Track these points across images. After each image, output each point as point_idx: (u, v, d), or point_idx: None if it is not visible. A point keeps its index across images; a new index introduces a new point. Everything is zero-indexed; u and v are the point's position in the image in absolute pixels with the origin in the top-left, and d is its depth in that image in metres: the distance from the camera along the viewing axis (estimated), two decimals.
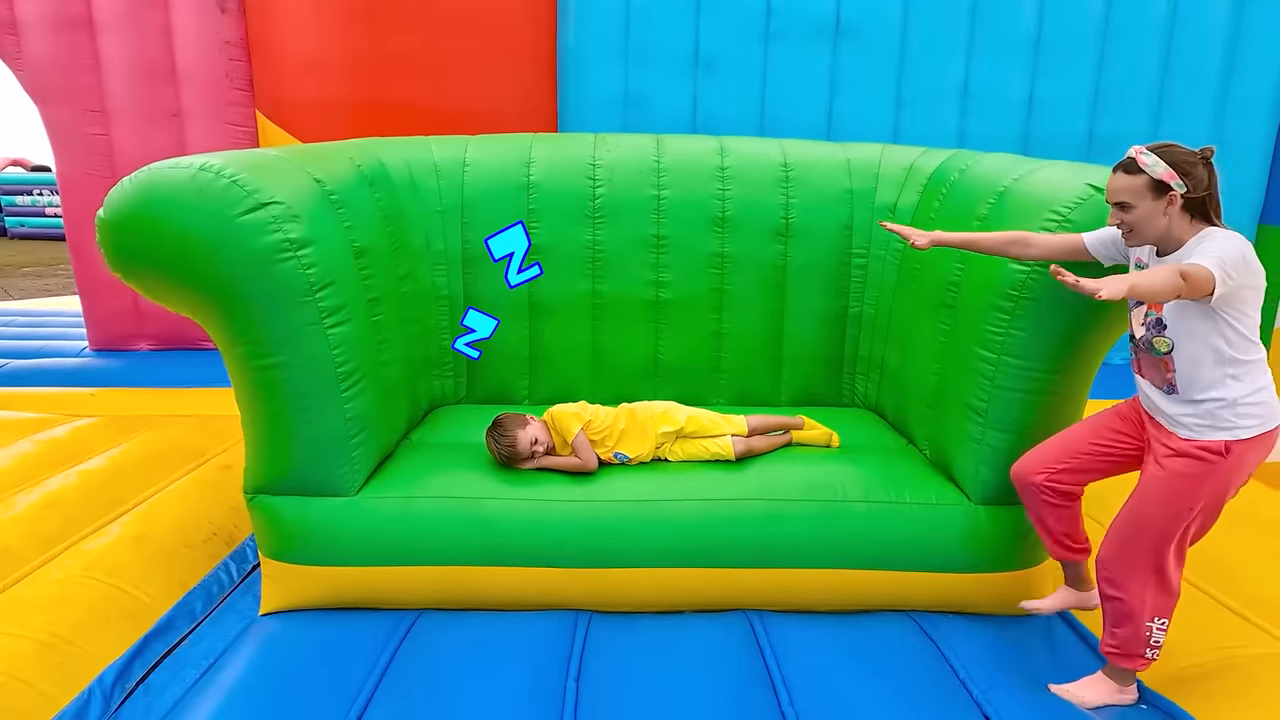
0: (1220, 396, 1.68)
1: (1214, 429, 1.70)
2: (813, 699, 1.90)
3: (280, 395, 2.10)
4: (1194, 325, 1.68)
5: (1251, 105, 5.07)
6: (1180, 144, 1.73)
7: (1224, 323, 1.65)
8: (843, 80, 5.01)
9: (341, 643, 2.09)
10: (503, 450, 2.35)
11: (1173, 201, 1.68)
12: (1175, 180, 1.67)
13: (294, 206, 2.03)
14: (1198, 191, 1.68)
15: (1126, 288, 1.53)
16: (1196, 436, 1.72)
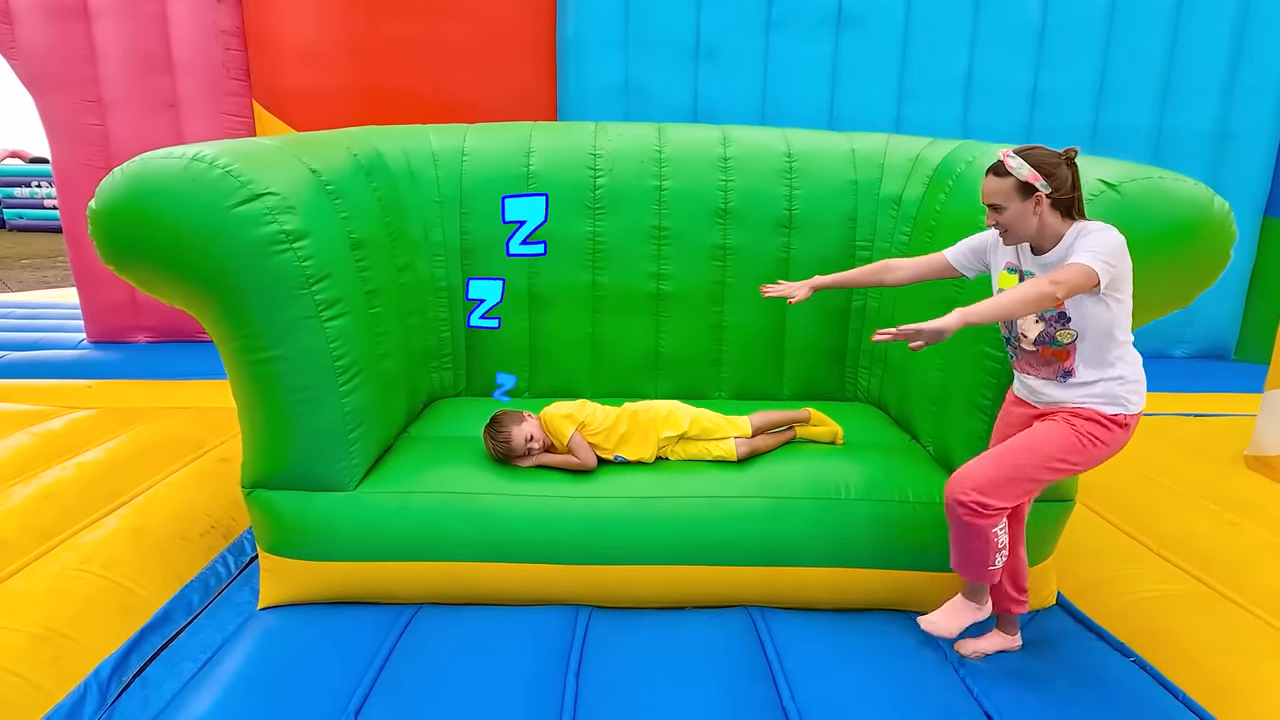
0: (1118, 375, 1.80)
1: (1111, 405, 1.80)
2: (814, 695, 1.88)
3: (277, 389, 2.07)
4: (1093, 312, 1.77)
5: (1258, 98, 5.02)
6: (1046, 146, 1.82)
7: (1115, 311, 1.76)
8: (845, 70, 4.96)
9: (340, 637, 2.07)
10: (498, 448, 2.34)
11: (1039, 202, 1.77)
12: (1039, 181, 1.76)
13: (289, 197, 2.00)
14: (1062, 191, 1.77)
15: (958, 320, 1.71)
16: (1100, 410, 1.81)
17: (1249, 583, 2.31)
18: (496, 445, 2.34)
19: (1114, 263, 1.71)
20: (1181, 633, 2.13)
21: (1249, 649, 2.03)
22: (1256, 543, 2.53)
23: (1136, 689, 1.95)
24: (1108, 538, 2.69)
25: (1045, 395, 1.88)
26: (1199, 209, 1.98)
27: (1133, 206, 1.97)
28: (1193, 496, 2.93)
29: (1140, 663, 2.06)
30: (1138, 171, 2.02)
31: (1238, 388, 4.73)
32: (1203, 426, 3.90)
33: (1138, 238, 1.96)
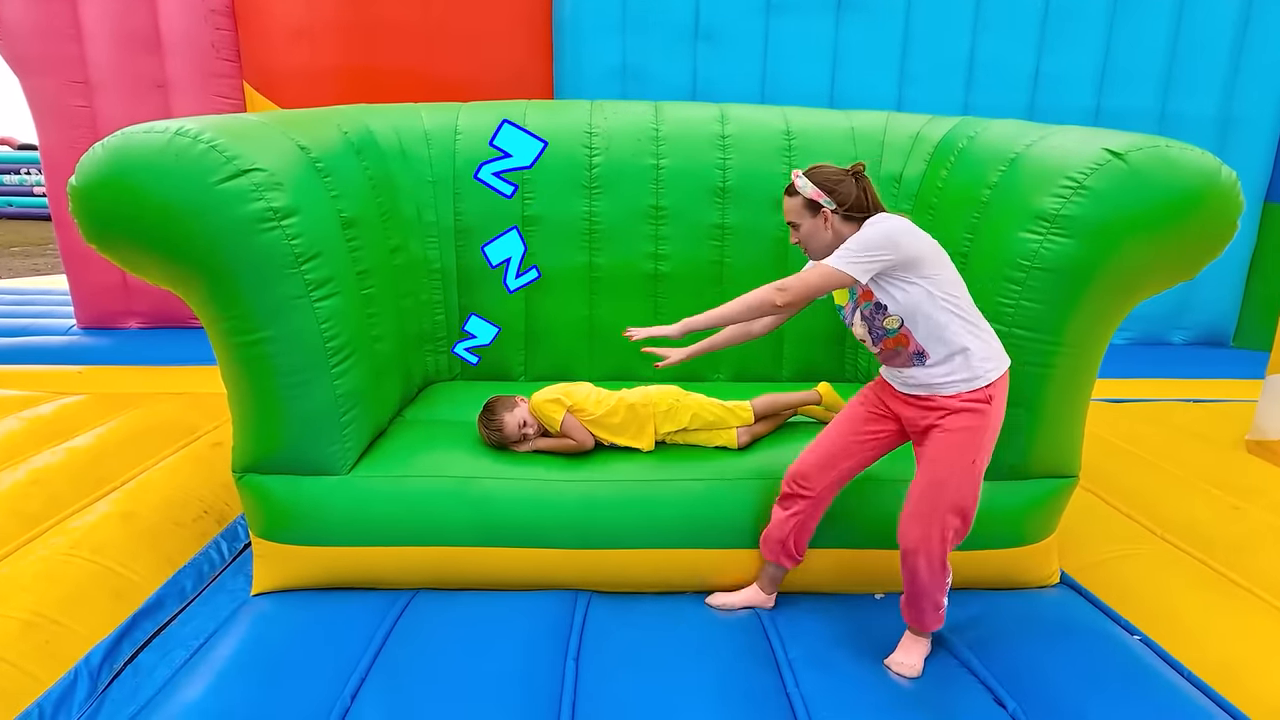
0: (965, 346, 1.82)
1: (971, 380, 1.83)
2: (817, 679, 1.86)
3: (267, 371, 2.03)
4: (903, 297, 1.81)
5: (1261, 84, 4.97)
6: (832, 164, 1.93)
7: (925, 288, 1.79)
8: (846, 53, 4.89)
9: (335, 623, 2.04)
10: (492, 435, 2.32)
11: (827, 218, 1.87)
12: (824, 199, 1.86)
13: (277, 174, 1.94)
14: (848, 205, 1.86)
15: (680, 328, 1.95)
16: (961, 390, 1.83)
17: (1252, 565, 2.29)
18: (490, 433, 2.32)
19: (875, 253, 1.75)
20: (1186, 613, 2.11)
21: (1255, 630, 2.01)
22: (1259, 526, 2.52)
23: (1143, 666, 1.93)
24: (1109, 521, 2.68)
25: (913, 379, 1.89)
26: (1206, 177, 1.94)
27: (1139, 175, 1.94)
28: (1194, 481, 2.91)
29: (1146, 641, 2.04)
30: (1144, 140, 1.99)
31: (1237, 374, 4.71)
32: (1203, 412, 3.88)
33: (1144, 207, 1.94)
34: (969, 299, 1.89)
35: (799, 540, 2.08)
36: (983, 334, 1.87)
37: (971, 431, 1.83)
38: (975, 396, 1.83)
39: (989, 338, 1.89)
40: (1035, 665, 1.93)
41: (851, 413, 2.05)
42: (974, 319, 1.87)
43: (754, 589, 2.17)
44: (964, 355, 1.82)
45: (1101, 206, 1.96)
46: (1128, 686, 1.85)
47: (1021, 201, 2.13)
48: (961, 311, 1.84)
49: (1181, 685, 1.87)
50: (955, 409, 1.83)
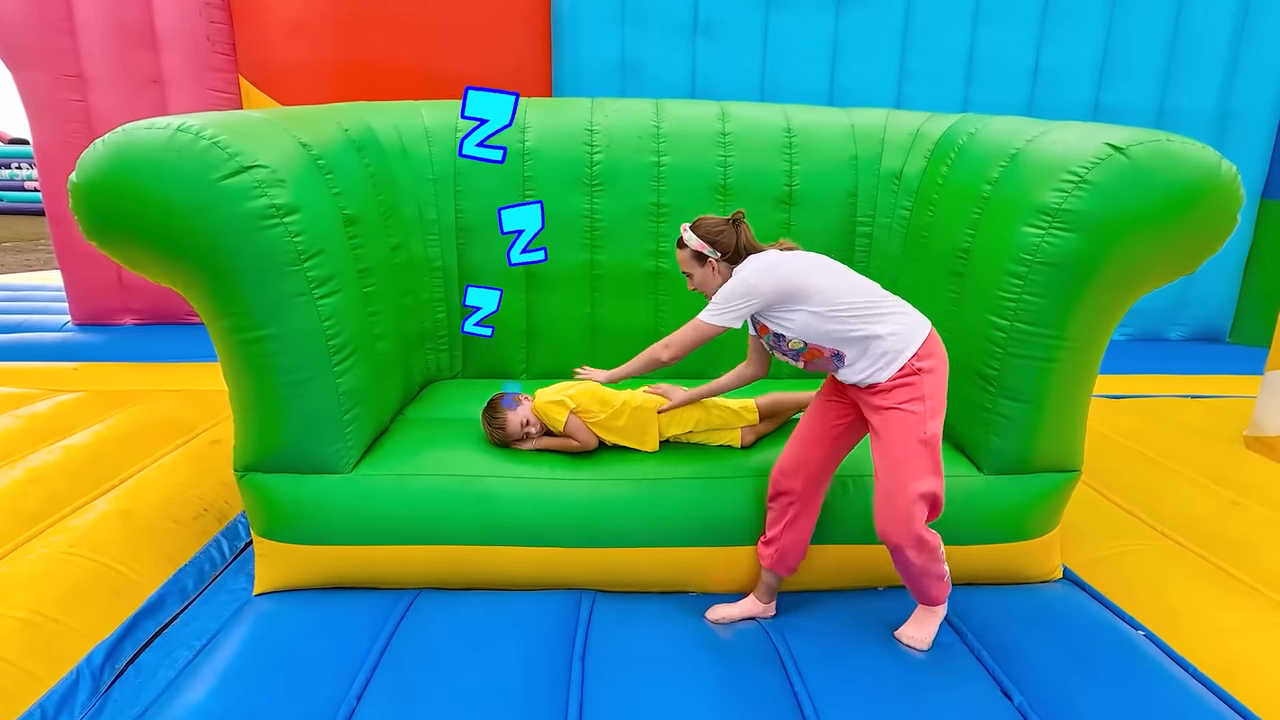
0: (874, 336, 1.89)
1: (892, 364, 1.89)
2: (823, 676, 1.86)
3: (269, 369, 2.02)
4: (793, 323, 1.93)
5: (1259, 79, 4.98)
6: (715, 216, 2.07)
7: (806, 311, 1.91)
8: (846, 48, 4.88)
9: (338, 622, 2.03)
10: (494, 433, 2.31)
11: (714, 266, 2.02)
12: (708, 249, 2.01)
13: (279, 170, 1.93)
14: (730, 252, 2.01)
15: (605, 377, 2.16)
16: (889, 374, 1.89)
17: (1254, 561, 2.30)
18: (493, 431, 2.31)
19: (736, 303, 1.92)
20: (1189, 609, 2.12)
21: (1259, 626, 2.02)
22: (1259, 522, 2.53)
23: (1148, 662, 1.94)
24: (1111, 516, 2.69)
25: (848, 379, 1.96)
26: (1207, 172, 1.95)
27: (1140, 169, 1.94)
28: (1194, 477, 2.92)
29: (1151, 636, 2.05)
30: (1145, 135, 1.99)
31: (1234, 369, 4.73)
32: (1201, 408, 3.90)
33: (1146, 201, 1.95)
34: (864, 289, 1.95)
35: (792, 544, 2.09)
36: (888, 316, 1.92)
37: (912, 406, 1.87)
38: (903, 372, 1.88)
39: (897, 316, 1.93)
40: (1041, 659, 1.94)
41: (815, 405, 2.12)
42: (874, 309, 1.92)
43: (752, 599, 2.17)
44: (876, 345, 1.89)
45: (1103, 201, 1.97)
46: (1133, 681, 1.86)
47: (1023, 196, 2.13)
48: (855, 311, 1.90)
49: (1186, 681, 1.88)
50: (889, 388, 1.89)
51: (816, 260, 2.01)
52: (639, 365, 2.10)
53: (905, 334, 1.90)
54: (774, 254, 2.00)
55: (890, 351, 1.88)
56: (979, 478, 2.28)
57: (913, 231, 2.77)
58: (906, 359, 1.88)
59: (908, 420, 1.87)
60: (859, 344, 1.90)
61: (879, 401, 1.91)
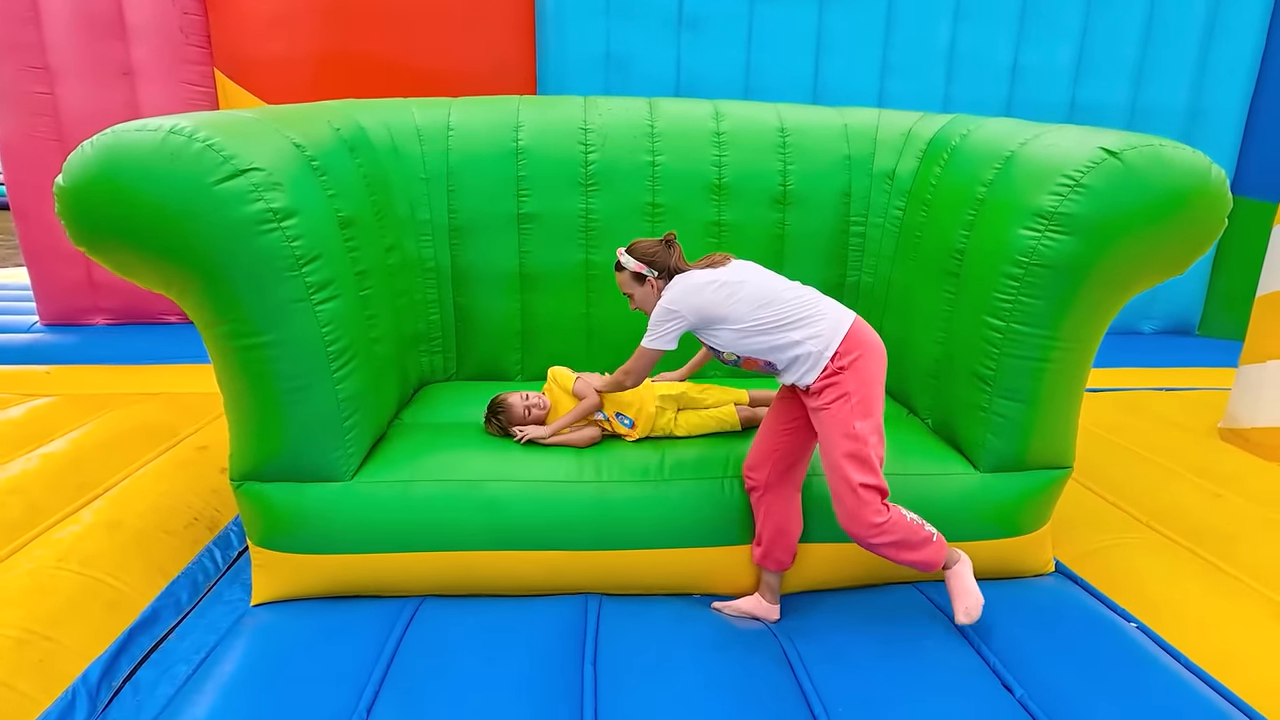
0: (794, 343, 1.96)
1: (815, 366, 1.97)
2: (830, 676, 1.89)
3: (267, 376, 1.97)
4: (720, 339, 2.03)
5: (1228, 78, 5.12)
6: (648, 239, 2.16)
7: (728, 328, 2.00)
8: (829, 43, 4.91)
9: (342, 633, 2.00)
10: (498, 419, 2.36)
11: (653, 284, 2.11)
12: (646, 270, 2.10)
13: (275, 173, 1.88)
14: (666, 271, 2.10)
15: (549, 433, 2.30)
16: (814, 378, 1.97)
17: (1238, 553, 2.38)
18: (496, 418, 2.36)
19: (666, 326, 2.02)
20: (1179, 601, 2.19)
21: (1246, 617, 2.09)
22: (1241, 514, 2.62)
23: (1143, 654, 2.00)
24: (1098, 510, 2.75)
25: (786, 382, 2.06)
26: (1198, 176, 2.00)
27: (1134, 173, 1.99)
28: (1175, 469, 3.01)
29: (1144, 629, 2.12)
30: (1138, 140, 2.04)
31: (1204, 362, 4.87)
32: (1175, 400, 4.01)
33: (1140, 204, 1.99)
34: (783, 298, 2.00)
35: (773, 537, 2.12)
36: (806, 322, 1.97)
37: (838, 405, 1.93)
38: (826, 373, 1.95)
39: (815, 319, 1.98)
40: (1039, 653, 1.99)
41: (774, 406, 2.20)
42: (792, 317, 1.97)
43: (756, 598, 2.19)
44: (797, 350, 1.96)
45: (1099, 204, 2.01)
46: (1129, 673, 1.91)
47: (1019, 199, 2.17)
48: (773, 323, 1.96)
49: (1180, 672, 1.94)
50: (818, 389, 1.96)
51: (735, 276, 2.03)
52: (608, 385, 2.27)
53: (825, 335, 1.96)
54: (695, 275, 2.06)
55: (811, 354, 1.95)
56: (975, 475, 2.32)
57: (906, 231, 2.80)
58: (827, 360, 1.95)
59: (834, 418, 1.93)
60: (782, 352, 1.98)
61: (810, 403, 1.99)
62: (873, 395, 1.96)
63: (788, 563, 2.16)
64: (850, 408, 1.92)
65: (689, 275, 2.07)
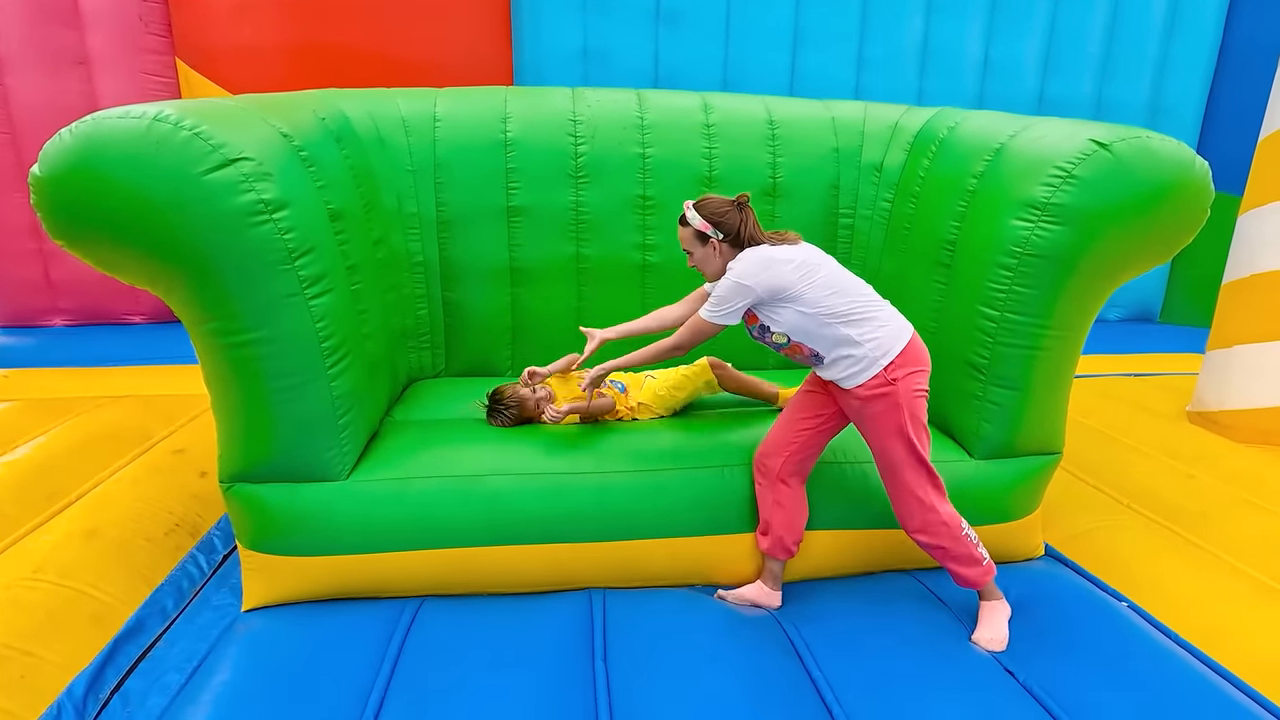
0: (851, 341, 1.94)
1: (866, 370, 1.94)
2: (838, 664, 1.90)
3: (259, 375, 1.90)
4: (782, 317, 1.97)
5: (1187, 74, 5.29)
6: (720, 196, 2.06)
7: (795, 309, 1.94)
8: (806, 37, 4.94)
9: (341, 636, 1.95)
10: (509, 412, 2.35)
11: (715, 246, 2.02)
12: (710, 230, 2.01)
13: (265, 163, 1.81)
14: (731, 234, 2.01)
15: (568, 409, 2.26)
16: (862, 380, 1.95)
17: (1215, 532, 2.47)
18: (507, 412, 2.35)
19: (733, 302, 1.95)
20: (1165, 579, 2.26)
21: (1228, 592, 2.17)
22: (1215, 494, 2.71)
23: (1134, 632, 2.06)
24: (1081, 493, 2.83)
25: (825, 376, 2.04)
26: (1183, 167, 2.06)
27: (1123, 164, 2.04)
28: (1150, 452, 3.11)
29: (1134, 607, 2.18)
30: (1126, 132, 2.09)
31: (1166, 348, 5.05)
32: (1144, 385, 4.14)
33: (1128, 194, 2.04)
34: (854, 291, 1.98)
35: (783, 526, 2.13)
36: (869, 324, 1.95)
37: (887, 413, 1.94)
38: (876, 383, 1.93)
39: (878, 324, 1.96)
40: (1036, 636, 2.03)
41: (798, 398, 2.18)
42: (858, 313, 1.95)
43: (759, 585, 2.20)
44: (852, 350, 1.94)
45: (1089, 195, 2.06)
46: (1123, 651, 1.97)
47: (1011, 190, 2.20)
48: (839, 315, 1.93)
49: (1172, 648, 2.00)
50: (865, 397, 1.95)
51: (812, 259, 2.00)
52: (649, 355, 2.14)
53: (883, 342, 1.94)
54: (771, 250, 1.99)
55: (865, 357, 1.93)
56: (969, 463, 2.36)
57: (894, 223, 2.83)
58: (880, 368, 1.93)
59: (888, 425, 1.94)
60: (837, 346, 1.95)
61: (858, 406, 1.98)
62: (922, 405, 1.98)
63: (794, 551, 2.17)
64: (901, 415, 1.93)
65: (763, 250, 1.98)
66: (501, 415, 2.36)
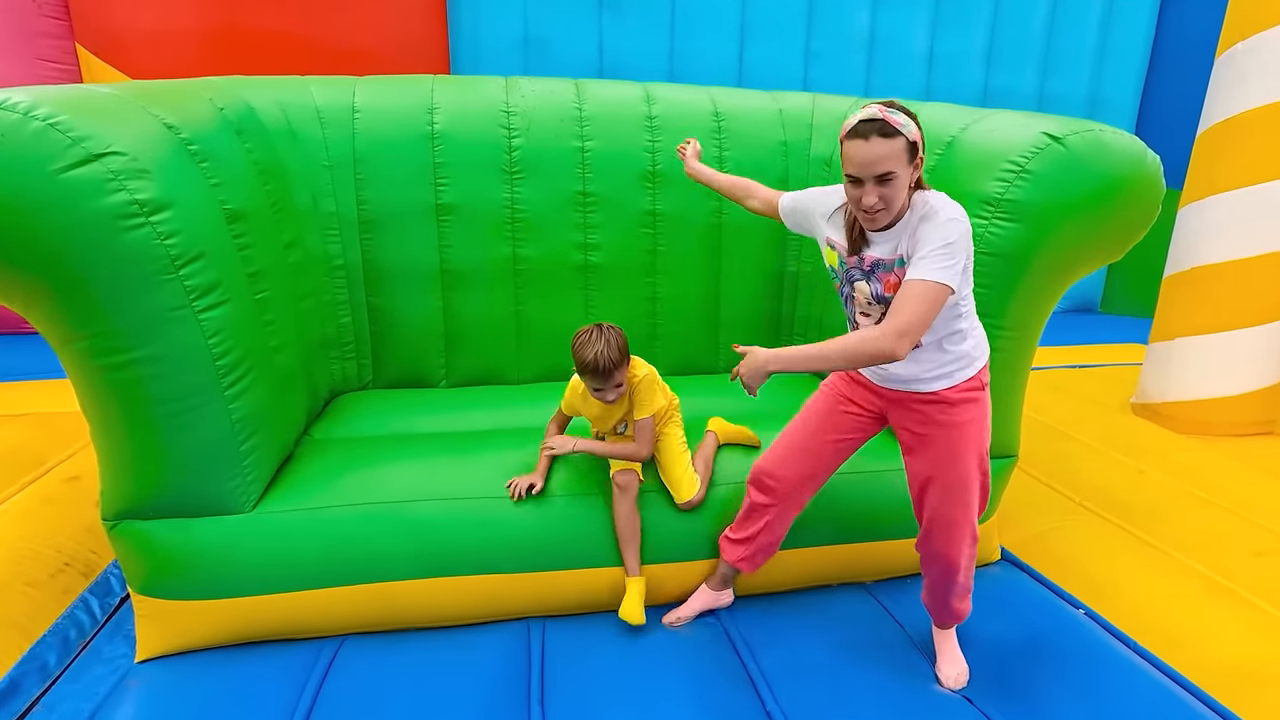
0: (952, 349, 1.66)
1: (962, 370, 1.67)
2: (793, 692, 1.79)
3: (143, 399, 1.68)
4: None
5: (1122, 67, 5.39)
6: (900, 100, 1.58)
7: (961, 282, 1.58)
8: (753, 28, 4.84)
9: (248, 688, 1.75)
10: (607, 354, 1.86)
11: (918, 167, 1.53)
12: (921, 142, 1.53)
13: (140, 159, 1.59)
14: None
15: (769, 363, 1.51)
16: (953, 382, 1.67)
17: (1166, 529, 2.45)
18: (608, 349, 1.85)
19: (960, 257, 1.50)
20: (1119, 581, 2.22)
21: (1185, 594, 2.14)
22: (1163, 490, 2.71)
23: (1090, 639, 2.00)
24: (1035, 493, 2.79)
25: (896, 375, 1.70)
26: (1135, 161, 2.01)
27: (1076, 158, 1.96)
28: (1099, 447, 3.10)
29: (1091, 614, 2.12)
30: (1077, 125, 2.02)
31: (1108, 338, 5.14)
32: (1088, 377, 4.18)
33: (1081, 189, 1.97)
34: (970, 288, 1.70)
35: (765, 546, 1.98)
36: (974, 317, 1.72)
37: (976, 422, 1.69)
38: (971, 386, 1.68)
39: (978, 323, 1.74)
40: (991, 643, 1.96)
41: (821, 410, 1.87)
42: (970, 303, 1.70)
43: (704, 590, 2.06)
44: (958, 346, 1.66)
45: (1043, 190, 1.98)
46: (1080, 660, 1.91)
47: (963, 186, 2.11)
48: (964, 299, 1.65)
49: (1128, 655, 1.95)
50: (955, 401, 1.67)
51: None
52: (845, 357, 1.51)
53: (981, 342, 1.70)
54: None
55: (966, 356, 1.65)
56: None
57: None
58: (978, 369, 1.67)
59: (974, 435, 1.67)
60: (946, 337, 1.62)
61: (936, 413, 1.68)
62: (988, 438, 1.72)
63: (759, 567, 2.02)
64: (986, 427, 1.69)
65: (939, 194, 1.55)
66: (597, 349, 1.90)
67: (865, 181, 1.50)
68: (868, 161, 1.48)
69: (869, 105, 1.54)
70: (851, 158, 1.51)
